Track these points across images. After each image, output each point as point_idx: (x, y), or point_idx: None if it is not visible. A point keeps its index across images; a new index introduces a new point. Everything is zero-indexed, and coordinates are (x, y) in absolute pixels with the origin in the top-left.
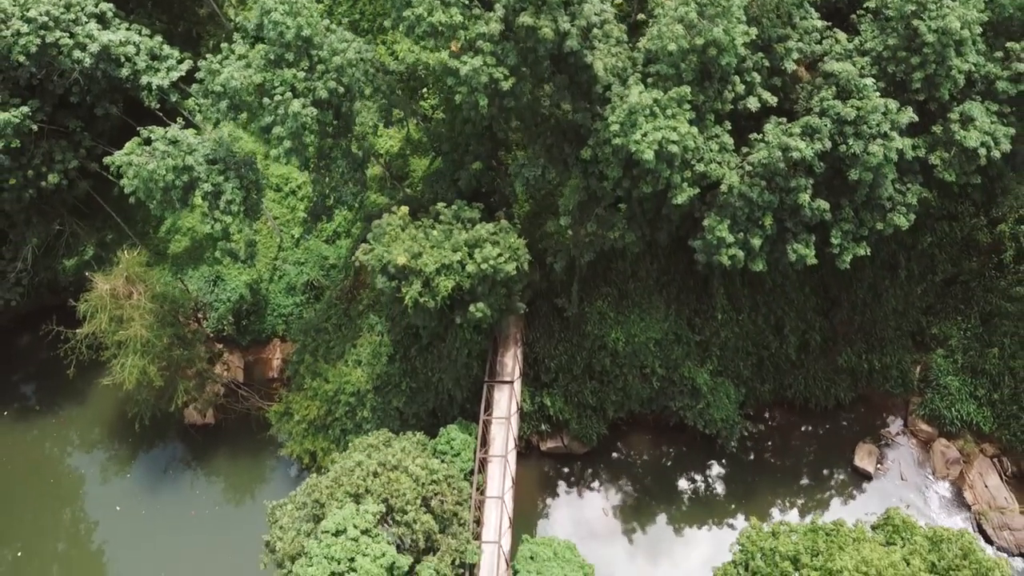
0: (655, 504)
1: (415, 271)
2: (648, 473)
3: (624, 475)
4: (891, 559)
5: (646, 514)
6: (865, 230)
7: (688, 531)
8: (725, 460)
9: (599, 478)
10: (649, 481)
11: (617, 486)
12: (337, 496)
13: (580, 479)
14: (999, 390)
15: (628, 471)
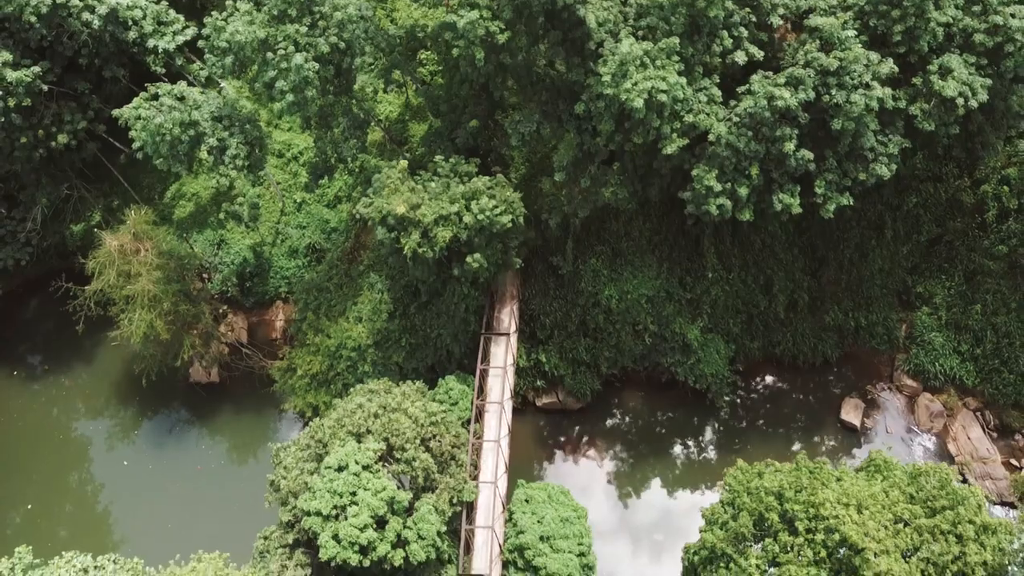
0: (646, 456)
1: (414, 222)
2: (640, 427)
3: (617, 429)
4: (871, 491)
5: (638, 466)
6: (848, 181)
7: (678, 481)
8: (714, 415)
9: (593, 432)
10: (641, 435)
11: (610, 440)
12: (339, 436)
13: (575, 434)
14: (982, 345)
15: (621, 426)
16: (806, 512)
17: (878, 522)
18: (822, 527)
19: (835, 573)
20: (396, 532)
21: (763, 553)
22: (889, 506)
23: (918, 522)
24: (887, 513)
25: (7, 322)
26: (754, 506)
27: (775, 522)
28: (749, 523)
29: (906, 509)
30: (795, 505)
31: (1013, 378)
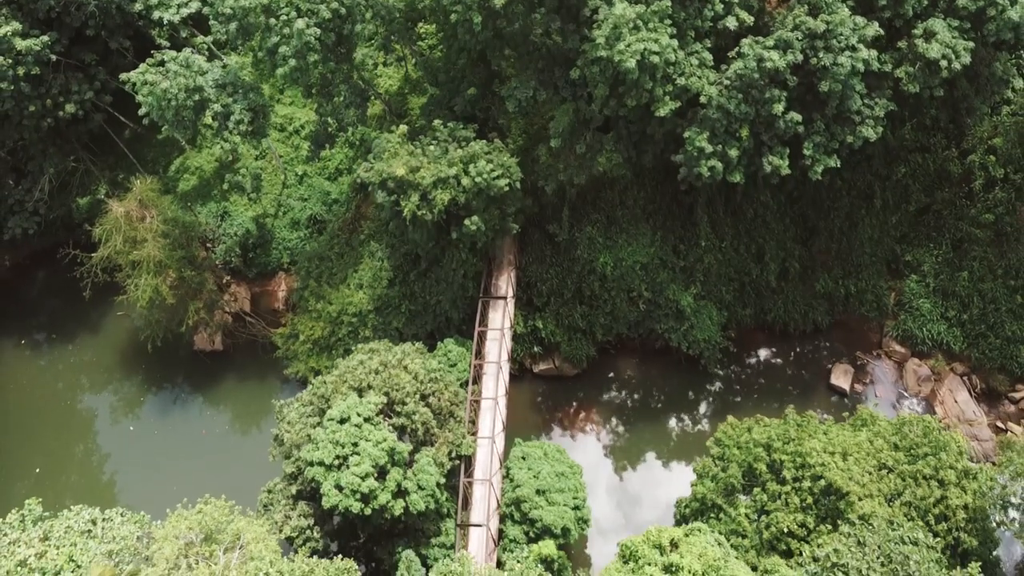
0: (641, 420)
1: (413, 184)
2: (634, 392)
3: (612, 395)
4: (856, 439)
5: (632, 429)
6: (836, 143)
7: (671, 443)
8: (707, 380)
9: (589, 398)
10: (635, 400)
11: (605, 404)
12: (341, 390)
13: (571, 399)
14: (968, 311)
15: (616, 391)
16: (793, 461)
17: (862, 468)
18: (808, 475)
19: (821, 519)
20: (396, 482)
21: (752, 503)
22: (873, 453)
23: (901, 468)
24: (871, 460)
25: (14, 293)
26: (743, 458)
27: (763, 472)
28: (739, 474)
29: (890, 456)
30: (783, 455)
31: (999, 343)
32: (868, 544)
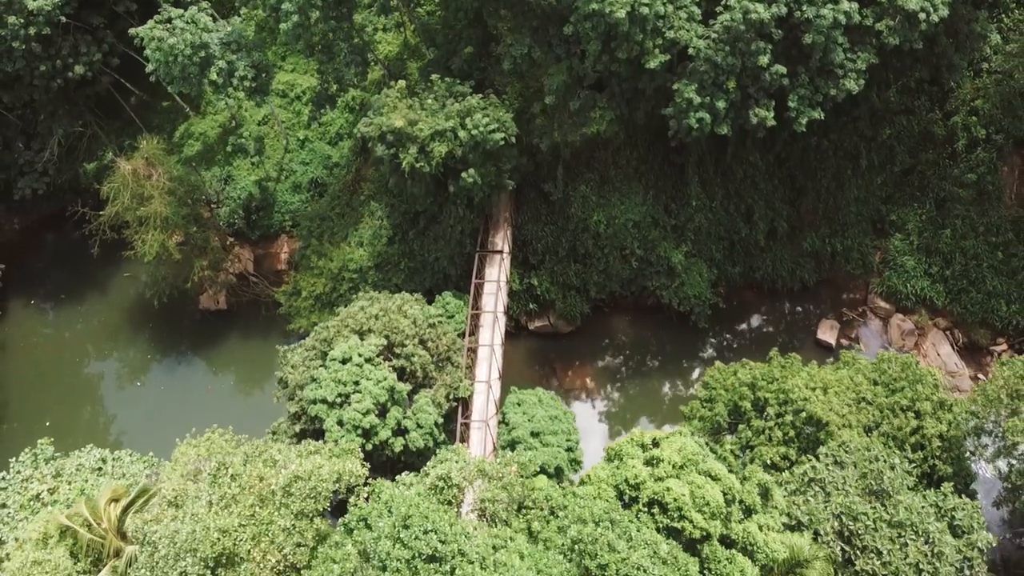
0: (633, 374)
1: (411, 137)
2: (627, 348)
3: (605, 351)
4: (837, 376)
5: (625, 383)
6: (820, 96)
7: (662, 396)
8: (697, 336)
9: (583, 353)
10: (628, 355)
11: (599, 360)
12: (343, 333)
13: (565, 355)
14: (951, 267)
15: (609, 347)
16: (776, 398)
17: (842, 401)
18: (791, 410)
19: (802, 451)
20: (396, 420)
21: (737, 440)
22: (853, 388)
23: (879, 401)
24: (851, 393)
25: (24, 255)
26: (729, 397)
27: (748, 410)
28: (724, 412)
29: (869, 390)
30: (767, 393)
31: (980, 297)
32: (844, 463)
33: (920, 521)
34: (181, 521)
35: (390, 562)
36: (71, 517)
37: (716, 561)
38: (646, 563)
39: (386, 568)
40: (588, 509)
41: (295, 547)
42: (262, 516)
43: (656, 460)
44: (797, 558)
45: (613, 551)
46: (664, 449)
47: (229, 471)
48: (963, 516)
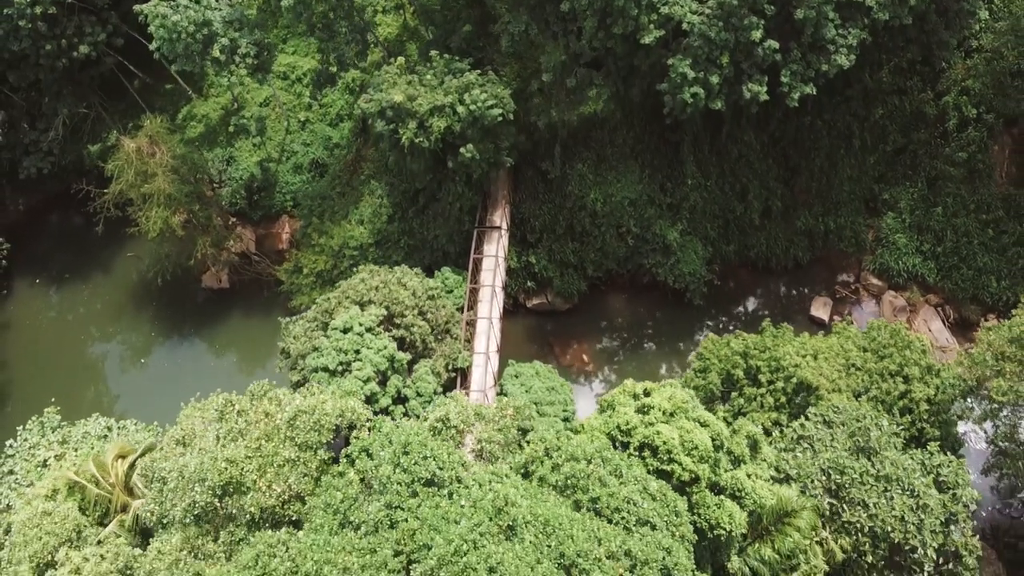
0: (629, 351)
1: (411, 112)
2: (623, 326)
3: (602, 328)
4: (828, 343)
5: (621, 360)
6: (812, 71)
7: (657, 371)
8: (692, 314)
9: (580, 331)
10: (624, 333)
11: (596, 337)
12: (344, 304)
13: (563, 332)
14: (942, 244)
15: (606, 325)
16: (768, 365)
17: (832, 366)
18: (782, 376)
19: (793, 416)
20: (396, 388)
21: (730, 407)
22: (843, 354)
23: (868, 366)
24: (840, 359)
25: (29, 235)
26: (722, 366)
27: (740, 378)
28: (717, 381)
29: (858, 356)
30: (759, 361)
31: (971, 274)
32: (833, 423)
33: (906, 476)
34: (189, 456)
35: (390, 485)
36: (79, 473)
37: (705, 507)
38: (636, 497)
39: (387, 491)
40: (581, 448)
41: (300, 477)
42: (268, 449)
43: (647, 408)
44: (785, 508)
45: (604, 486)
46: (655, 397)
47: (236, 407)
48: (948, 472)
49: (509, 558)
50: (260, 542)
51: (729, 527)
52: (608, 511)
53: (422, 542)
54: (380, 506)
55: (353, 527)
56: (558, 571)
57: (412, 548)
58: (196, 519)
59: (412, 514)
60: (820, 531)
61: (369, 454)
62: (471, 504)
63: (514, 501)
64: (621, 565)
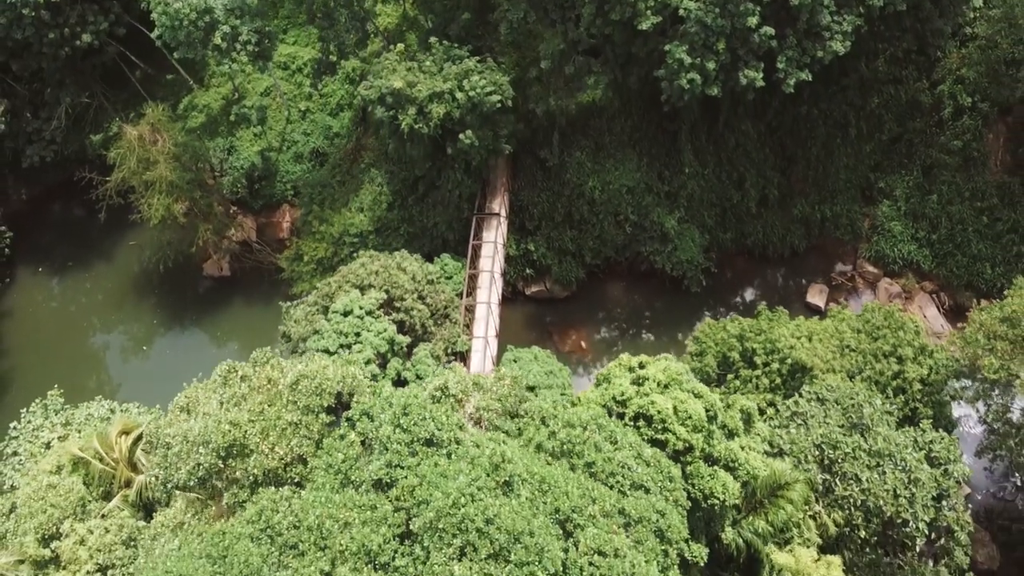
0: (627, 338)
1: (410, 98)
2: (621, 313)
3: (600, 316)
4: (823, 325)
5: (619, 347)
6: (807, 58)
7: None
8: (690, 301)
9: (578, 318)
10: (622, 320)
11: (594, 324)
12: (344, 288)
13: (561, 319)
14: (937, 231)
15: (604, 312)
16: (764, 347)
17: (826, 347)
18: (777, 358)
19: (788, 397)
20: (396, 371)
21: (725, 390)
22: (837, 335)
23: (862, 347)
24: (835, 340)
25: (32, 225)
26: (718, 349)
27: (736, 360)
28: (714, 364)
29: (853, 338)
30: (754, 343)
31: (966, 261)
32: (826, 400)
33: (898, 451)
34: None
35: (390, 445)
36: (83, 449)
37: (699, 477)
38: (631, 463)
39: (387, 451)
40: (577, 416)
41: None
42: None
43: (642, 379)
44: (779, 481)
45: (599, 451)
46: (650, 369)
47: (239, 373)
48: (940, 448)
49: (506, 511)
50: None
51: (723, 497)
52: (603, 475)
53: (421, 498)
54: (380, 464)
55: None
56: (553, 526)
57: (411, 504)
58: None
59: (412, 472)
60: (813, 505)
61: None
62: (469, 461)
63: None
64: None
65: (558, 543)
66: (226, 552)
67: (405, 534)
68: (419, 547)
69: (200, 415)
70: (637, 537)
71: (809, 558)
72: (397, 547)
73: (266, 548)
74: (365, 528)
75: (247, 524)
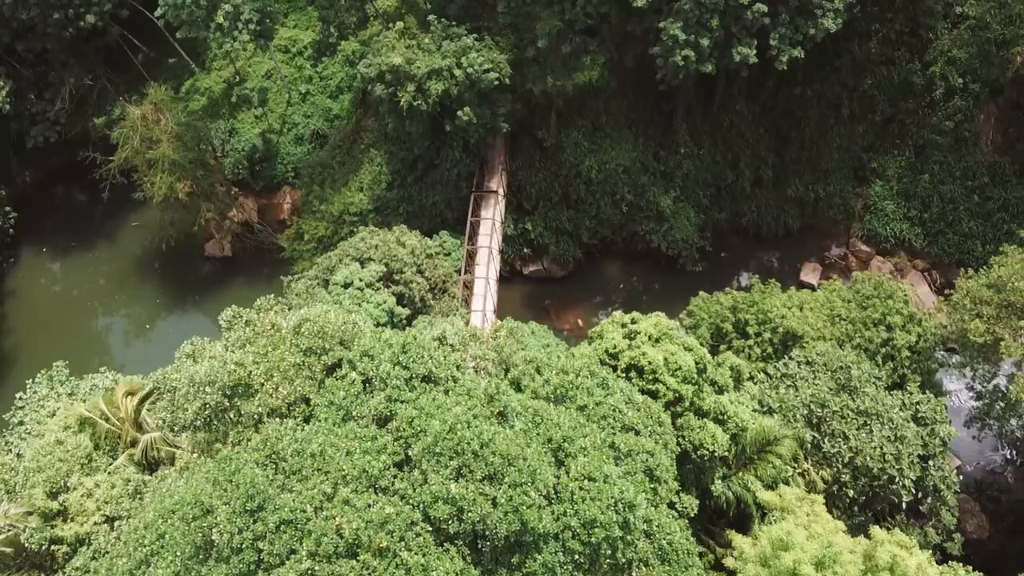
0: None
1: (409, 75)
2: (618, 293)
3: (597, 295)
4: (814, 296)
5: None
6: (800, 35)
7: None
8: (685, 280)
9: (575, 297)
10: (619, 299)
11: (591, 303)
12: (344, 261)
13: (559, 298)
14: (929, 210)
15: (601, 292)
16: (756, 318)
17: (817, 316)
18: (769, 328)
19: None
20: None
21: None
22: (828, 304)
23: (852, 315)
24: (826, 310)
25: (36, 206)
26: (712, 321)
27: (729, 331)
28: (707, 335)
29: (843, 307)
30: (747, 314)
31: (956, 239)
32: (815, 362)
33: (885, 411)
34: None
35: (390, 380)
36: (90, 409)
37: (689, 428)
38: (621, 407)
39: (387, 386)
40: (570, 363)
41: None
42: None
43: (634, 333)
44: (767, 437)
45: (591, 395)
46: (641, 324)
47: (244, 318)
48: (927, 408)
49: (500, 438)
50: (268, 427)
51: (712, 448)
52: (595, 418)
53: (419, 428)
54: (380, 399)
55: (355, 420)
56: (546, 454)
57: (409, 434)
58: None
59: (410, 405)
60: (802, 463)
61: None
62: (465, 394)
63: (505, 391)
64: (605, 454)
65: (550, 469)
66: (232, 477)
67: (404, 461)
68: (417, 471)
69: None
70: (627, 469)
71: (793, 495)
72: (396, 473)
73: (271, 472)
74: (366, 456)
75: (253, 451)
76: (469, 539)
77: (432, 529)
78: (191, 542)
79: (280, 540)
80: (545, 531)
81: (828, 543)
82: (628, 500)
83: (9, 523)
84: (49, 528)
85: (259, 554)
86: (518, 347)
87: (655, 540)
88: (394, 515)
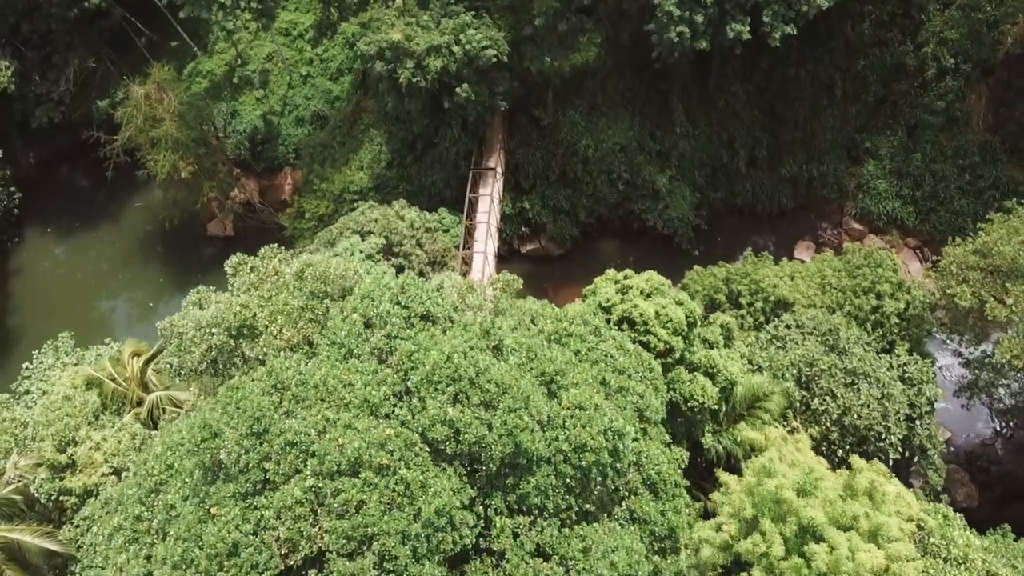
0: None
1: (408, 52)
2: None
3: (595, 272)
4: (806, 266)
5: None
6: (793, 12)
7: None
8: (680, 259)
9: (572, 275)
10: None
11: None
12: (345, 234)
13: (556, 276)
14: (921, 189)
15: (598, 270)
16: (748, 288)
17: (808, 285)
18: (761, 297)
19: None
20: None
21: None
22: (819, 274)
23: (842, 283)
24: (817, 278)
25: (41, 187)
26: (705, 293)
27: (722, 302)
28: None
29: (833, 276)
30: (740, 285)
31: (948, 216)
32: (805, 325)
33: (872, 370)
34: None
35: (390, 319)
36: (97, 370)
37: (680, 381)
38: (613, 352)
39: (387, 324)
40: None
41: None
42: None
43: (626, 288)
44: (757, 393)
45: (584, 341)
46: (634, 279)
47: (248, 264)
48: (914, 369)
49: (495, 369)
50: (273, 359)
51: (702, 399)
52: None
53: (418, 361)
54: (381, 336)
55: (356, 357)
56: (539, 386)
57: (408, 367)
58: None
59: (410, 341)
60: (791, 420)
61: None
62: (461, 327)
63: (500, 326)
64: (596, 389)
65: (543, 399)
66: (239, 403)
67: (403, 392)
68: (416, 399)
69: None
70: (617, 404)
71: (778, 434)
72: (396, 403)
73: (276, 399)
74: (367, 388)
75: (258, 381)
76: (466, 461)
77: (430, 451)
78: (199, 463)
79: (285, 460)
80: (538, 454)
81: (809, 469)
82: (617, 428)
83: (19, 473)
84: (58, 479)
85: (265, 474)
86: (514, 299)
87: (644, 471)
88: (393, 436)
